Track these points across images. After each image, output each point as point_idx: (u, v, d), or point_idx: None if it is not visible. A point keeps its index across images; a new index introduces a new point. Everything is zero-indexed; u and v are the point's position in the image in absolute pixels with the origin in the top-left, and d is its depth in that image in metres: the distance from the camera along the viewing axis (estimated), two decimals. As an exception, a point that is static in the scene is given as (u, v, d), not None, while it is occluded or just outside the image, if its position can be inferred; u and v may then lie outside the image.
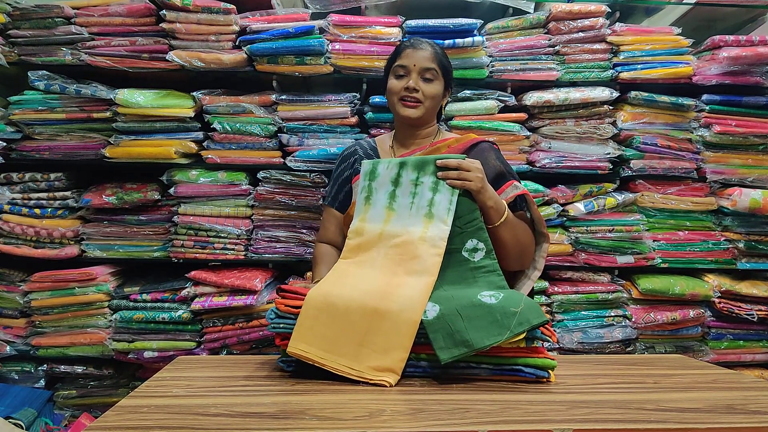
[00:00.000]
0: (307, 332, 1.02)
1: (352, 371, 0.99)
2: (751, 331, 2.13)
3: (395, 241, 1.20)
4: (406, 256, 1.17)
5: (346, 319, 1.03)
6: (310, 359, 1.00)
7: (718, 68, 2.06)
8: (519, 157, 2.10)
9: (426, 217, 1.20)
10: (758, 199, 2.03)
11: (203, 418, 0.82)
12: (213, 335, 1.96)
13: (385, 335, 1.02)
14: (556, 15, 2.05)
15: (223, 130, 2.01)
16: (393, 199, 1.25)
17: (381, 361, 1.00)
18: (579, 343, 2.05)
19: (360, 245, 1.23)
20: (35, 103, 1.98)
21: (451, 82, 1.51)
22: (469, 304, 1.03)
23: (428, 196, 1.21)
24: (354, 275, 1.17)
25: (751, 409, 0.88)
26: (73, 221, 2.02)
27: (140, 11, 1.94)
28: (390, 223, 1.23)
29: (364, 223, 1.25)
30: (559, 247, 2.07)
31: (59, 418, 2.04)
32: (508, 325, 0.98)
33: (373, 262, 1.19)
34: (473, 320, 1.00)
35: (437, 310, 1.04)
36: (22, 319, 2.02)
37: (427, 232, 1.18)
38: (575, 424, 0.79)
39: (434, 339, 1.00)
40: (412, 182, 1.24)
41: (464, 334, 0.98)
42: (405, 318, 1.03)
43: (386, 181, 1.26)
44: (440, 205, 1.20)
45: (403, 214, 1.23)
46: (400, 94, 1.40)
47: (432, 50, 1.42)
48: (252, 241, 2.06)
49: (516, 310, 1.00)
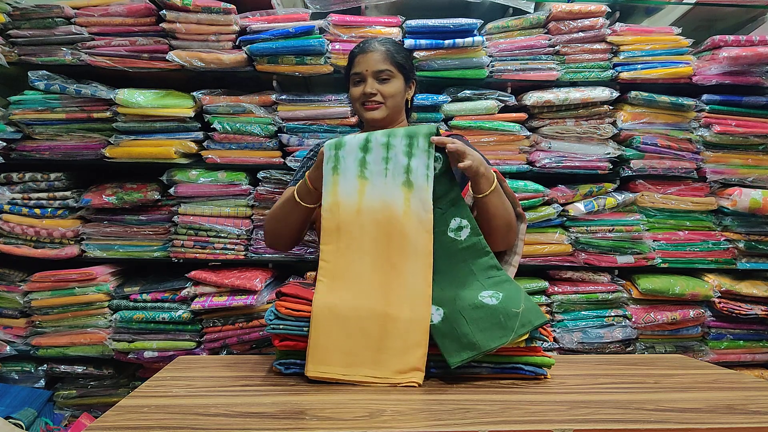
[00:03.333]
0: (323, 352, 1.01)
1: (376, 379, 1.00)
2: (751, 331, 2.13)
3: (377, 218, 1.10)
4: (395, 237, 1.09)
5: (359, 329, 1.03)
6: (332, 378, 1.00)
7: (718, 68, 2.06)
8: (519, 157, 2.10)
9: (404, 185, 1.11)
10: (758, 199, 2.02)
11: (203, 418, 0.82)
12: (213, 335, 1.96)
13: (401, 337, 1.02)
14: (556, 15, 2.04)
15: (223, 130, 2.01)
16: (364, 167, 1.13)
17: (403, 363, 1.01)
18: (579, 343, 2.05)
19: (339, 227, 1.11)
20: (35, 103, 1.98)
21: (412, 75, 1.48)
22: (472, 306, 1.04)
23: (403, 161, 1.11)
24: (348, 272, 1.09)
25: (751, 409, 0.88)
26: (73, 221, 2.02)
27: (140, 11, 1.94)
28: (366, 195, 1.12)
29: (336, 197, 1.12)
30: (559, 247, 2.07)
31: (59, 418, 2.04)
32: (512, 326, 1.00)
33: (360, 247, 1.10)
34: (477, 322, 1.01)
35: (441, 313, 1.05)
36: (22, 319, 2.02)
37: (410, 204, 1.10)
38: (575, 424, 0.79)
39: (442, 344, 1.01)
40: (382, 146, 1.13)
41: (471, 337, 1.00)
42: (417, 316, 1.03)
43: (354, 148, 1.14)
44: (418, 171, 1.11)
45: (378, 182, 1.12)
46: (360, 99, 1.40)
47: (383, 49, 1.40)
48: (252, 241, 2.06)
49: (517, 311, 1.01)
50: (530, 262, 2.08)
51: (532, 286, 2.05)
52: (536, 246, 2.07)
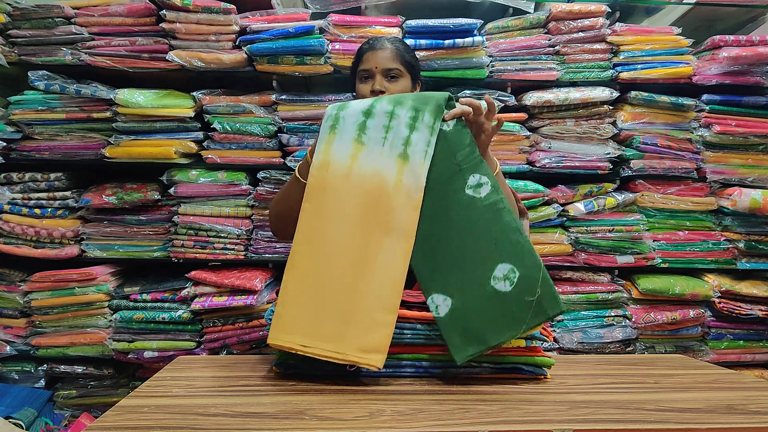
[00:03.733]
0: (288, 319, 0.98)
1: (337, 355, 0.95)
2: (751, 331, 2.13)
3: (366, 186, 1.04)
4: (380, 209, 1.03)
5: (327, 297, 0.98)
6: (293, 349, 0.96)
7: (718, 68, 2.06)
8: (519, 157, 2.10)
9: (400, 157, 1.05)
10: (758, 199, 2.03)
11: (203, 418, 0.82)
12: (213, 335, 1.96)
13: (368, 313, 0.97)
14: (556, 15, 2.05)
15: (223, 130, 2.01)
16: (363, 131, 1.08)
17: (366, 341, 0.96)
18: (579, 343, 2.05)
19: (324, 185, 1.05)
20: (35, 103, 1.98)
21: (419, 75, 1.48)
22: (482, 296, 0.98)
23: (404, 133, 1.06)
24: (325, 236, 1.03)
25: (751, 409, 0.88)
26: (73, 221, 2.02)
27: (140, 11, 1.94)
28: (358, 160, 1.06)
29: (328, 156, 1.07)
30: (559, 247, 2.07)
31: (59, 418, 2.04)
32: (524, 318, 0.94)
33: (341, 212, 1.04)
34: (487, 313, 0.97)
35: (449, 305, 0.99)
36: (22, 319, 2.02)
37: (402, 178, 1.04)
38: (575, 424, 0.79)
39: (449, 338, 0.97)
40: (387, 114, 1.08)
41: (479, 331, 0.96)
42: (387, 294, 0.98)
43: (356, 111, 1.09)
44: (417, 145, 1.05)
45: (374, 149, 1.07)
46: (368, 97, 1.40)
47: (392, 48, 1.40)
48: (252, 241, 2.06)
49: (532, 299, 0.94)
50: (530, 262, 2.08)
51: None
52: (536, 246, 2.06)
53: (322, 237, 1.03)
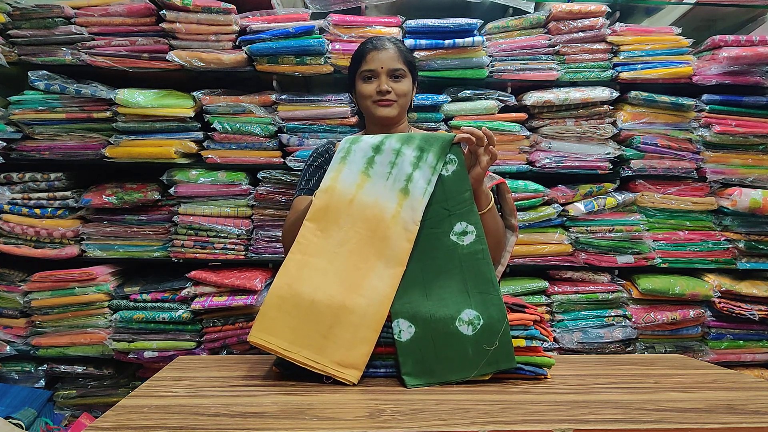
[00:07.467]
0: (271, 322, 1.01)
1: (315, 364, 0.99)
2: (751, 331, 2.13)
3: (367, 213, 1.11)
4: (377, 236, 1.09)
5: (312, 310, 1.02)
6: (273, 350, 0.99)
7: (718, 68, 2.06)
8: (519, 157, 2.10)
9: (401, 192, 1.12)
10: (758, 199, 2.03)
11: (203, 418, 0.82)
12: (213, 335, 1.96)
13: (351, 330, 1.02)
14: (556, 15, 2.05)
15: (223, 130, 2.01)
16: (371, 165, 1.15)
17: (345, 356, 1.00)
18: (579, 343, 2.05)
19: (328, 208, 1.11)
20: (35, 103, 1.98)
21: (417, 75, 1.50)
22: (445, 333, 1.02)
23: (407, 170, 1.13)
24: (322, 254, 1.08)
25: (751, 409, 0.88)
26: (73, 221, 2.02)
27: (140, 11, 1.94)
28: (363, 190, 1.13)
29: (335, 183, 1.13)
30: (559, 247, 2.07)
31: (59, 418, 2.04)
32: (477, 363, 1.00)
33: (341, 234, 1.10)
34: (445, 350, 1.01)
35: (412, 332, 1.03)
36: (22, 319, 2.02)
37: (400, 211, 1.11)
38: (575, 424, 0.79)
39: (403, 363, 1.01)
40: (394, 151, 1.15)
41: (433, 365, 1.01)
42: (372, 312, 1.03)
43: (367, 146, 1.17)
44: (418, 183, 1.12)
45: (378, 183, 1.13)
46: (374, 97, 1.40)
47: (395, 48, 1.41)
48: (252, 241, 2.06)
49: (489, 349, 1.00)
50: (530, 262, 2.08)
51: (532, 286, 2.06)
52: (536, 246, 2.07)
53: (318, 251, 1.09)
